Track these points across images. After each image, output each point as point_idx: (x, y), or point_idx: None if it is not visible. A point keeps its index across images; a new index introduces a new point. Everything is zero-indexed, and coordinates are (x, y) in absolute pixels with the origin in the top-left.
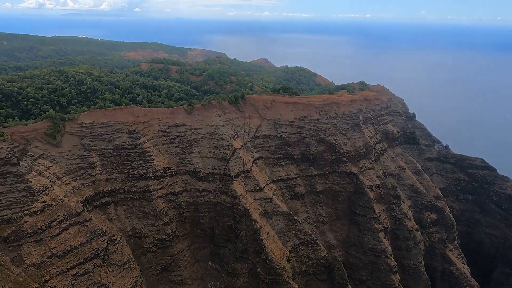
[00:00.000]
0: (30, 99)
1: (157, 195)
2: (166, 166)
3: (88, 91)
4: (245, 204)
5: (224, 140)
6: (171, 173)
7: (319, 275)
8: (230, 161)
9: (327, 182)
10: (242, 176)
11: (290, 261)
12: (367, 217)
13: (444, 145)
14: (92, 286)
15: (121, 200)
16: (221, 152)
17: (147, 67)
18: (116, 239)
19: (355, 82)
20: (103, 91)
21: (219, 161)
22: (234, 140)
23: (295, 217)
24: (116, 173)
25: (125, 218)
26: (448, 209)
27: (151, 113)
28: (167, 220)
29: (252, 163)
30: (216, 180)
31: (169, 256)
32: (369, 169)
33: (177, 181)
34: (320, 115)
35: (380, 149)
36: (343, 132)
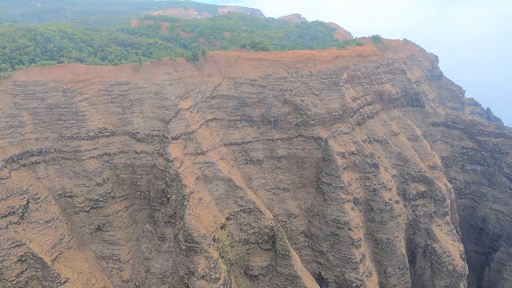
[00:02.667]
0: None
1: (89, 155)
2: (101, 126)
3: (54, 49)
4: (178, 167)
5: (168, 100)
6: (107, 134)
7: (263, 244)
8: (171, 122)
9: (291, 147)
10: (182, 138)
11: (226, 228)
12: (333, 186)
13: (485, 108)
14: (5, 242)
15: (52, 160)
16: (163, 113)
17: (137, 24)
18: (39, 198)
19: (367, 37)
20: (69, 49)
21: (160, 122)
22: (183, 100)
23: (237, 184)
24: (48, 132)
25: (55, 177)
26: (445, 181)
27: (95, 71)
28: (100, 181)
29: (201, 124)
30: (155, 142)
31: (103, 216)
32: (345, 133)
33: (113, 142)
34: (288, 73)
35: (368, 111)
36: (315, 92)
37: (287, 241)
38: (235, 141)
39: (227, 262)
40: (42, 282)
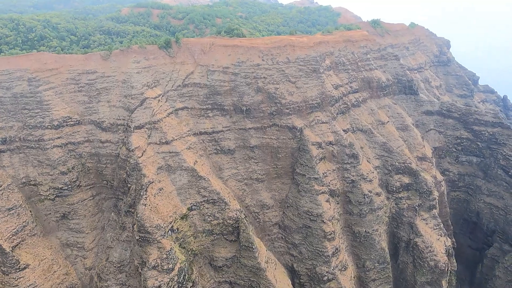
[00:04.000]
0: None
1: (53, 144)
2: (66, 115)
3: (35, 38)
4: (139, 157)
5: (134, 88)
6: (72, 123)
7: (227, 235)
8: (135, 111)
9: (265, 136)
10: (147, 128)
11: (189, 218)
12: (306, 177)
13: (502, 96)
14: None
15: (17, 148)
16: (128, 102)
17: (127, 12)
18: (1, 185)
19: (366, 21)
20: (51, 38)
21: (126, 111)
22: (151, 88)
23: (201, 174)
24: (13, 122)
25: (19, 166)
26: (434, 173)
27: (63, 60)
28: (64, 170)
29: (169, 113)
30: (119, 131)
31: (68, 204)
32: (323, 123)
33: (79, 131)
34: (263, 60)
35: (354, 99)
36: (291, 80)
37: (251, 233)
38: (205, 131)
39: (190, 252)
40: (1, 268)
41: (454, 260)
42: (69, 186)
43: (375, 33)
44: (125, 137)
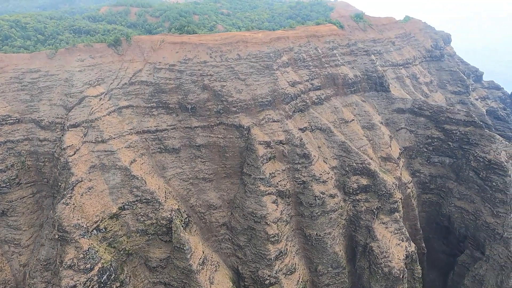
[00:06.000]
0: None
1: None
2: (5, 114)
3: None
4: (70, 155)
5: (74, 87)
6: (11, 121)
7: (162, 236)
8: (73, 110)
9: (212, 135)
10: (83, 126)
11: (120, 218)
12: (252, 177)
13: (509, 92)
14: None
15: None
16: (67, 100)
17: (105, 11)
18: None
19: (348, 15)
20: (15, 37)
21: (64, 110)
22: (93, 87)
23: (134, 173)
24: None
25: None
26: (399, 174)
27: (8, 59)
28: (2, 168)
29: (110, 112)
30: (57, 130)
31: (7, 202)
32: (275, 121)
33: (18, 129)
34: (211, 57)
35: (315, 97)
36: (241, 77)
37: (182, 234)
38: (148, 129)
39: (122, 252)
40: None
41: (419, 267)
42: (8, 184)
43: (356, 27)
44: (61, 135)
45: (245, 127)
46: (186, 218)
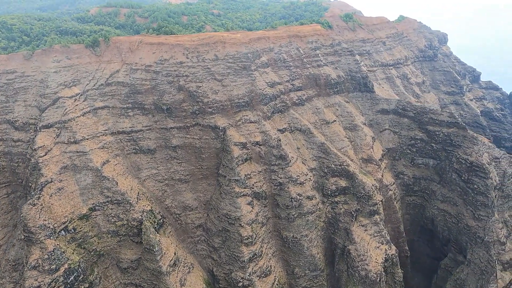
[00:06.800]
0: None
1: None
2: None
3: None
4: (41, 156)
5: (48, 87)
6: None
7: (133, 237)
8: (46, 111)
9: (188, 136)
10: (56, 127)
11: (91, 219)
12: (227, 178)
13: (508, 93)
14: None
15: None
16: (41, 101)
17: (95, 12)
18: None
19: (338, 16)
20: (0, 38)
21: (39, 111)
22: (68, 88)
23: (105, 174)
24: None
25: None
26: (380, 176)
27: None
28: None
29: (85, 113)
30: (31, 130)
31: None
32: (252, 122)
33: None
34: (187, 58)
35: (296, 98)
36: (218, 77)
37: (152, 235)
38: (123, 130)
39: (92, 253)
40: None
41: (399, 270)
42: None
43: (346, 27)
44: (34, 136)
45: (220, 128)
46: (160, 219)
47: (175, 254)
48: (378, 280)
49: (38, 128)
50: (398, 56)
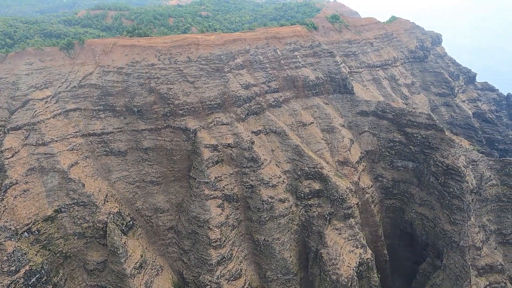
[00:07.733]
0: None
1: None
2: None
3: None
4: (7, 158)
5: (19, 90)
6: None
7: (100, 239)
8: (15, 113)
9: (159, 138)
10: (25, 129)
11: (56, 220)
12: (197, 180)
13: (505, 94)
14: None
15: None
16: (11, 103)
17: (83, 15)
18: None
19: (326, 17)
20: None
21: (9, 113)
22: (40, 90)
23: (71, 176)
24: None
25: None
26: (356, 179)
27: None
28: None
29: (56, 115)
30: (1, 133)
31: None
32: (224, 124)
33: None
34: (159, 60)
35: (272, 99)
36: (190, 79)
37: (116, 237)
38: (94, 132)
39: (58, 254)
40: None
41: (375, 274)
42: None
43: (332, 28)
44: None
45: (191, 130)
46: (129, 221)
47: (141, 256)
48: (349, 284)
49: (6, 130)
50: (386, 57)
